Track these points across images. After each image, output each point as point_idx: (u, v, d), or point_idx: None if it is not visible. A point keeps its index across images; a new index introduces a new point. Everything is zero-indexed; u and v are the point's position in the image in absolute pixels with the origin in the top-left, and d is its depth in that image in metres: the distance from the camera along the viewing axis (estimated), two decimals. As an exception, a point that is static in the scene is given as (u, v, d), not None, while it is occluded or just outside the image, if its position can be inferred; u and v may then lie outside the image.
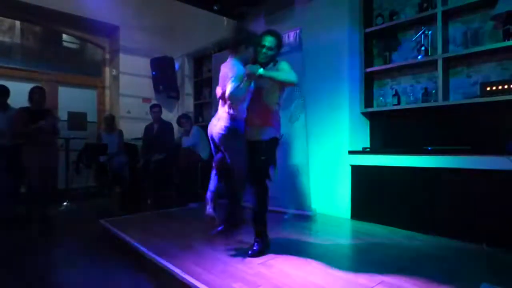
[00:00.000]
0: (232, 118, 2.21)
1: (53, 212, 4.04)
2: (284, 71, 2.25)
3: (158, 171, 4.58)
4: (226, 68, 2.31)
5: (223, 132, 2.21)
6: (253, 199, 2.32)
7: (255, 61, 2.32)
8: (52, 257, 2.63)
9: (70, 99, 5.47)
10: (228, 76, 2.17)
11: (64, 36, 5.65)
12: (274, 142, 2.31)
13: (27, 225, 3.56)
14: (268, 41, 2.28)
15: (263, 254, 2.28)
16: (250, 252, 2.28)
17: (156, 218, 3.49)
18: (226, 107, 2.24)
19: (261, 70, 2.11)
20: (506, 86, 2.60)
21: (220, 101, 2.33)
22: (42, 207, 3.67)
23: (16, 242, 3.11)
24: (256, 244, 2.33)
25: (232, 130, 2.20)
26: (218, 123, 2.25)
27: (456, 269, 2.05)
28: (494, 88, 2.67)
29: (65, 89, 5.50)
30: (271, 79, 2.19)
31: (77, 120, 5.04)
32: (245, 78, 2.11)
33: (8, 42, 5.12)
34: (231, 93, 2.10)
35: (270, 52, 2.29)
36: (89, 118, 5.49)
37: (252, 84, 2.19)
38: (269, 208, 3.76)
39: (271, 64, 2.33)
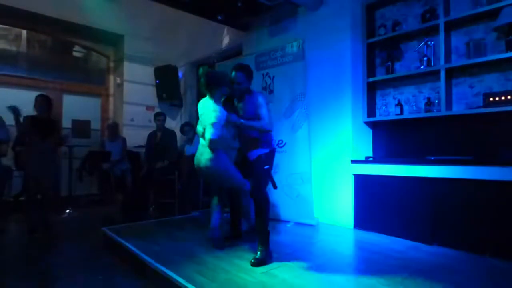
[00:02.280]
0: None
1: (56, 219, 4.04)
2: (260, 107, 2.48)
3: (161, 179, 4.59)
4: (205, 109, 2.47)
5: (209, 165, 2.42)
6: (255, 210, 2.48)
7: (231, 96, 2.59)
8: (54, 265, 2.62)
9: (74, 107, 5.53)
10: (209, 119, 2.34)
11: (70, 45, 5.72)
12: (261, 158, 2.52)
13: (28, 232, 3.56)
14: (237, 77, 2.49)
15: (265, 264, 2.29)
16: (252, 260, 2.29)
17: (158, 226, 3.48)
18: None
19: (241, 120, 2.39)
20: (509, 97, 2.61)
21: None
22: (43, 214, 3.66)
23: (17, 249, 3.11)
24: (259, 253, 2.35)
25: (216, 160, 2.40)
26: (202, 157, 2.46)
27: (460, 280, 2.02)
28: (497, 98, 2.67)
29: (70, 97, 5.55)
30: (250, 128, 2.47)
31: (81, 127, 5.09)
32: (226, 123, 2.33)
33: (14, 51, 5.20)
34: (211, 140, 2.28)
35: (241, 87, 2.50)
36: (92, 126, 5.55)
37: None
38: (272, 217, 3.79)
39: (246, 96, 2.54)
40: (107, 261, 2.71)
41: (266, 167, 2.54)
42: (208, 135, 2.28)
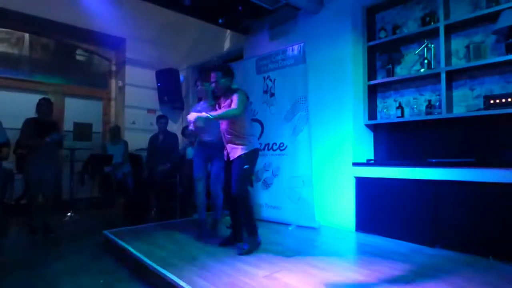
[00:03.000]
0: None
1: (58, 223, 4.05)
2: (233, 99, 2.67)
3: (162, 182, 4.60)
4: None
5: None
6: (238, 205, 2.74)
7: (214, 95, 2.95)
8: (55, 268, 2.62)
9: (76, 110, 5.55)
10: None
11: (72, 49, 5.75)
12: (241, 158, 2.69)
13: (29, 233, 3.57)
14: (212, 77, 2.77)
15: (252, 253, 2.56)
16: (240, 251, 2.56)
17: (160, 229, 3.48)
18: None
19: (209, 116, 2.53)
20: (509, 99, 2.61)
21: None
22: (44, 217, 3.67)
23: (18, 252, 3.12)
24: (246, 244, 2.64)
25: None
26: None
27: (464, 284, 2.02)
28: (497, 101, 2.68)
29: (72, 100, 5.58)
30: (220, 118, 2.65)
31: (82, 130, 5.10)
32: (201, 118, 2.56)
33: (17, 54, 5.22)
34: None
35: (218, 85, 2.76)
36: (94, 129, 5.56)
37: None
38: (274, 220, 3.79)
39: (228, 93, 2.76)
40: (109, 264, 2.72)
41: (246, 166, 2.67)
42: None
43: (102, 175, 4.83)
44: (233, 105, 2.63)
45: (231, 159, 2.73)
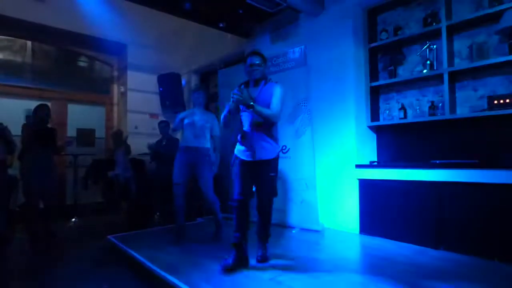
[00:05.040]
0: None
1: (61, 228, 4.05)
2: (274, 97, 2.37)
3: (165, 186, 4.58)
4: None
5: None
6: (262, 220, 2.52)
7: (247, 82, 2.49)
8: (59, 273, 2.62)
9: (79, 116, 5.58)
10: None
11: (74, 55, 5.79)
12: (271, 163, 2.42)
13: (32, 242, 3.56)
14: (253, 60, 2.43)
15: (268, 260, 2.47)
16: (259, 258, 2.45)
17: (163, 234, 3.48)
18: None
19: (251, 103, 2.25)
20: (513, 99, 2.59)
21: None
22: (47, 223, 3.67)
23: (22, 258, 3.12)
24: (264, 251, 2.51)
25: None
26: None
27: (469, 286, 2.00)
28: (501, 101, 2.66)
29: (74, 107, 5.60)
30: (257, 113, 2.30)
31: (85, 136, 5.12)
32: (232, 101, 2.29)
33: (20, 61, 5.26)
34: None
35: (258, 70, 2.43)
36: (97, 134, 5.58)
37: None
38: (277, 223, 3.78)
39: (263, 82, 2.45)
40: (113, 269, 2.71)
41: (272, 174, 2.41)
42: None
43: (105, 180, 4.83)
44: (274, 105, 2.34)
45: (257, 158, 2.35)
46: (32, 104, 3.75)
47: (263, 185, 2.41)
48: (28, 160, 3.61)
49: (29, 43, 5.30)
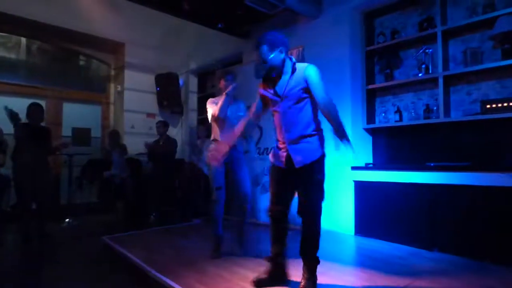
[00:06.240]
0: None
1: (55, 228, 4.02)
2: (316, 92, 1.99)
3: (162, 186, 4.59)
4: None
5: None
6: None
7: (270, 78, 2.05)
8: (52, 275, 2.60)
9: (74, 115, 5.53)
10: None
11: (70, 53, 5.75)
12: (315, 165, 2.03)
13: (23, 241, 3.50)
14: (260, 53, 2.01)
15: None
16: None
17: (159, 235, 3.48)
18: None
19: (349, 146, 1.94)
20: (505, 104, 2.64)
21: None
22: (39, 224, 3.63)
23: (15, 259, 3.09)
24: (305, 281, 1.96)
25: None
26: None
27: (462, 287, 2.03)
28: (494, 105, 2.70)
29: (70, 105, 5.56)
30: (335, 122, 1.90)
31: (81, 135, 5.09)
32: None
33: (14, 58, 5.21)
34: None
35: (267, 64, 2.00)
36: (93, 134, 5.55)
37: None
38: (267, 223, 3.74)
39: (289, 73, 2.00)
40: (107, 270, 2.70)
41: (320, 177, 2.02)
42: None
43: (100, 180, 4.81)
44: (320, 96, 1.95)
45: (297, 165, 1.97)
46: (26, 102, 3.70)
47: (310, 190, 2.04)
48: (20, 159, 3.55)
49: (23, 40, 5.25)
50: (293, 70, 1.99)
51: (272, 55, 1.98)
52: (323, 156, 2.05)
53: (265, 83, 2.08)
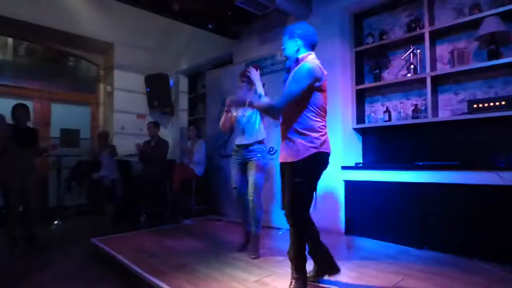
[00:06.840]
0: None
1: (44, 231, 3.95)
2: (289, 82, 1.92)
3: (152, 188, 4.55)
4: None
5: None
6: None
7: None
8: (40, 278, 2.55)
9: (63, 116, 5.45)
10: None
11: (58, 53, 5.66)
12: (294, 165, 1.90)
13: (11, 246, 3.39)
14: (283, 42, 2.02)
15: None
16: None
17: (149, 236, 3.44)
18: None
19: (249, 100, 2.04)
20: (491, 104, 2.69)
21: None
22: (26, 226, 3.55)
23: (1, 263, 3.03)
24: (292, 282, 1.96)
25: None
26: None
27: (451, 284, 2.05)
28: (480, 105, 2.75)
29: (58, 106, 5.48)
30: (257, 107, 2.07)
31: (69, 137, 5.02)
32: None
33: (0, 59, 5.11)
34: None
35: (283, 54, 2.04)
36: (82, 135, 5.47)
37: None
38: (264, 224, 3.76)
39: (293, 65, 1.99)
40: (96, 273, 2.66)
41: (297, 180, 1.86)
42: None
43: (90, 182, 4.75)
44: (284, 91, 1.91)
45: (280, 160, 2.03)
46: (13, 103, 3.62)
47: (288, 192, 1.94)
48: (6, 161, 3.48)
49: (10, 40, 5.15)
50: (296, 64, 1.95)
51: (286, 45, 2.00)
52: (306, 160, 1.86)
53: (287, 73, 2.04)
